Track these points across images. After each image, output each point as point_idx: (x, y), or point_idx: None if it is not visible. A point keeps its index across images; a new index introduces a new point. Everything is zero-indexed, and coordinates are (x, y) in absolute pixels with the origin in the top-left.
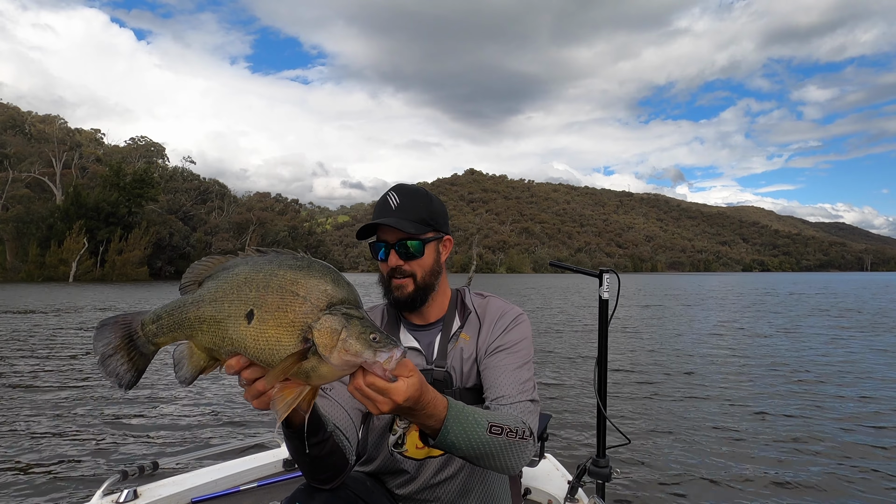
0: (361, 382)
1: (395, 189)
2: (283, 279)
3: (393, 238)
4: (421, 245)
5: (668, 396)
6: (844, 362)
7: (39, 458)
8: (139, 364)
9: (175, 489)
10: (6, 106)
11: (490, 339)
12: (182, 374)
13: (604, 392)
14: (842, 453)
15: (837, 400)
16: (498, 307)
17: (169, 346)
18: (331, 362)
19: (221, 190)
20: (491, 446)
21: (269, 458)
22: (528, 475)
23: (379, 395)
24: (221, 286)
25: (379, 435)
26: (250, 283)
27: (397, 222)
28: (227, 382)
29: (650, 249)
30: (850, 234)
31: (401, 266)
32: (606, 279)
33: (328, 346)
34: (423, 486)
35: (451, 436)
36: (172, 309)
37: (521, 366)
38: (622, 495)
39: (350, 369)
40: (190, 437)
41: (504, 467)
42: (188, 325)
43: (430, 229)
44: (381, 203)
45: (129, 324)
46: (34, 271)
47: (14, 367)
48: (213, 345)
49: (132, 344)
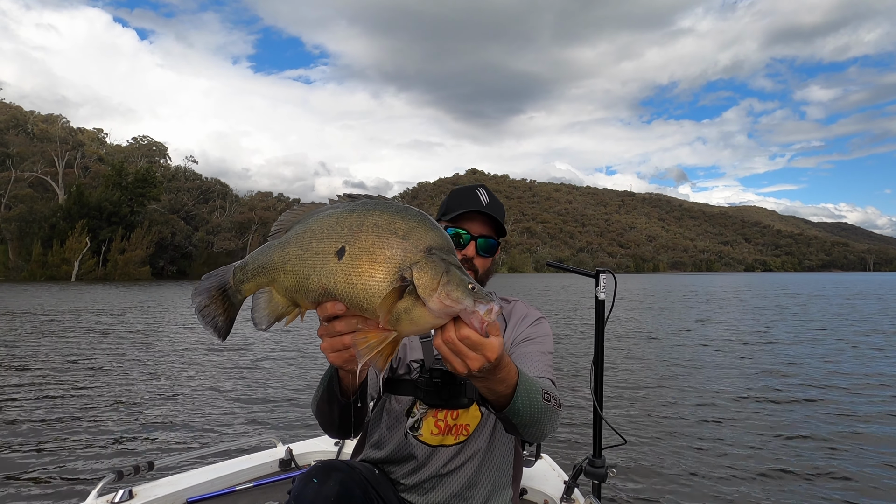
0: (453, 335)
1: (483, 187)
2: (380, 218)
3: (477, 231)
4: (496, 246)
5: (664, 397)
6: (844, 373)
7: (33, 458)
8: (230, 313)
9: (170, 489)
10: (9, 106)
11: (516, 333)
12: (258, 317)
13: (600, 392)
14: (839, 454)
15: (835, 402)
16: (522, 309)
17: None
18: (429, 305)
19: (223, 189)
20: (543, 412)
21: (265, 458)
22: (524, 475)
23: (471, 351)
24: (310, 226)
25: (395, 418)
26: (342, 222)
27: (495, 216)
28: (227, 381)
29: (652, 249)
30: (852, 234)
31: (472, 259)
32: (603, 279)
33: (429, 288)
34: (432, 475)
35: (519, 402)
36: (258, 253)
37: (546, 353)
38: (618, 495)
39: (444, 318)
40: (186, 437)
41: (543, 433)
42: (271, 266)
43: (502, 236)
44: (466, 194)
45: (223, 274)
46: (37, 271)
47: (9, 366)
48: (297, 286)
49: (224, 294)
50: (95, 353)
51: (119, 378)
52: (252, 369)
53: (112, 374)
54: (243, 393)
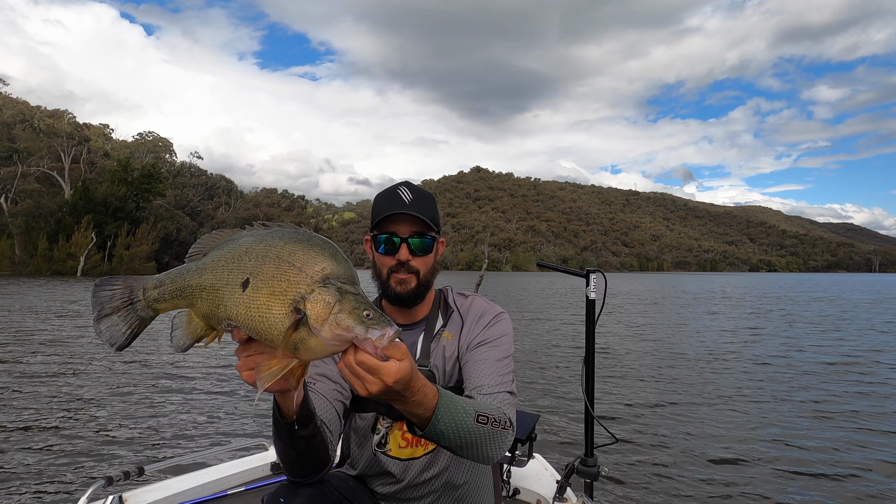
0: (352, 359)
1: (405, 185)
2: (282, 249)
3: (405, 232)
4: (432, 242)
5: (655, 396)
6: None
7: (22, 464)
8: (135, 328)
9: (161, 494)
10: (16, 101)
11: (472, 335)
12: (178, 341)
13: (591, 392)
14: (839, 454)
15: (834, 401)
16: (480, 306)
17: (170, 312)
18: (321, 335)
19: (228, 185)
20: (477, 435)
21: (256, 462)
22: (516, 475)
23: (368, 375)
24: (224, 255)
25: (362, 435)
26: (250, 252)
27: (420, 215)
28: (217, 384)
29: (656, 249)
30: (858, 234)
31: (409, 261)
32: (593, 279)
33: (320, 319)
34: (407, 485)
35: (440, 425)
36: (176, 275)
37: (502, 359)
38: (610, 494)
39: (340, 345)
40: (176, 442)
41: (485, 457)
42: (189, 292)
43: (436, 229)
44: (390, 196)
45: (130, 286)
46: (43, 265)
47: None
48: (211, 313)
49: (131, 306)
50: (85, 354)
51: (109, 381)
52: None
53: (101, 377)
54: (234, 397)
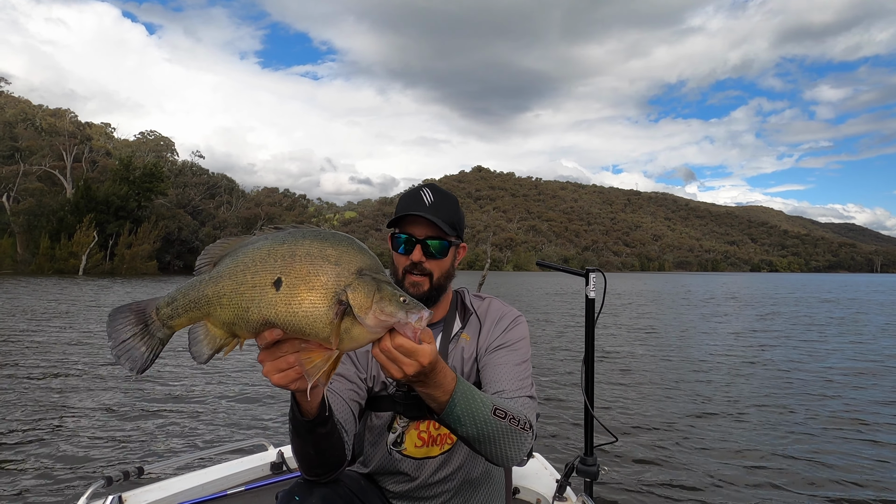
0: (389, 344)
1: (429, 186)
2: (311, 247)
3: (422, 234)
4: (447, 246)
5: (655, 395)
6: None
7: (21, 464)
8: (154, 349)
9: (161, 494)
10: (18, 100)
11: (490, 338)
12: (198, 354)
13: (591, 391)
14: (838, 453)
15: (833, 401)
16: (498, 309)
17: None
18: (365, 323)
19: (230, 185)
20: (494, 428)
21: (257, 462)
22: (516, 474)
23: (405, 357)
24: (242, 260)
25: (377, 433)
26: (274, 254)
27: (435, 218)
28: (217, 384)
29: (658, 249)
30: (860, 235)
31: (422, 263)
32: (593, 278)
33: (363, 307)
34: (421, 484)
35: (457, 409)
36: (188, 289)
37: (521, 363)
38: (610, 493)
39: (381, 331)
40: (176, 441)
41: (503, 455)
42: (205, 302)
43: (456, 234)
44: (412, 196)
45: (142, 310)
46: (44, 264)
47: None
48: (236, 318)
49: (146, 329)
50: (85, 355)
51: (109, 381)
52: (242, 372)
53: (102, 378)
54: (234, 396)
